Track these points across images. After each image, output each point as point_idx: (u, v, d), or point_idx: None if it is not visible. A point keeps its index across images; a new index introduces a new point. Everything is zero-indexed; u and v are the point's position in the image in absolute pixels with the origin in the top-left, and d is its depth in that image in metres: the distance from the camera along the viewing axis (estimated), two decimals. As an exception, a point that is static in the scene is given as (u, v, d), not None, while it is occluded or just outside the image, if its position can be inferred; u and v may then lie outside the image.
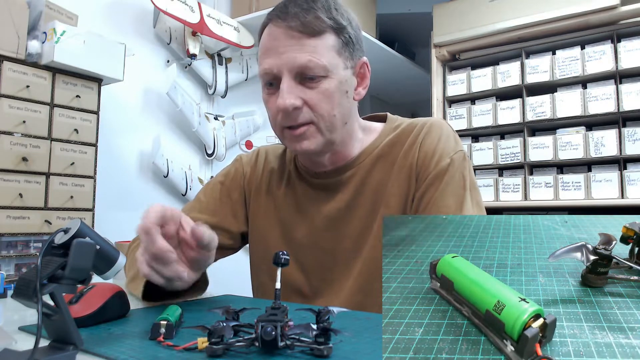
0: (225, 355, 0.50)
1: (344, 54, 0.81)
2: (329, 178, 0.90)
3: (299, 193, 0.93)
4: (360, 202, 0.87)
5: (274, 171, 0.98)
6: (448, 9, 2.36)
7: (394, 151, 0.88)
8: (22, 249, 1.57)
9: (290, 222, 0.93)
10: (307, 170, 0.93)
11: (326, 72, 0.78)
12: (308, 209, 0.92)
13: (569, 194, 2.01)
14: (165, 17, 2.19)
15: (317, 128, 0.81)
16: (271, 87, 0.82)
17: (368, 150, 0.90)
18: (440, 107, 2.39)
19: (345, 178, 0.89)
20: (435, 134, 0.86)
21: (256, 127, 2.65)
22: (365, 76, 0.87)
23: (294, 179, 0.95)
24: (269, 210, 0.96)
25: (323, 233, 0.90)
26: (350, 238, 0.88)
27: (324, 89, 0.79)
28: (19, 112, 1.56)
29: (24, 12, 1.59)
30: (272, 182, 0.97)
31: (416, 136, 0.87)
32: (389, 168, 0.87)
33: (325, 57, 0.78)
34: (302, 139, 0.81)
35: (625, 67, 1.96)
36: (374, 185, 0.87)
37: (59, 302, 0.49)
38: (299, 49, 0.77)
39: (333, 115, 0.80)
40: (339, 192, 0.89)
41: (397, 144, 0.88)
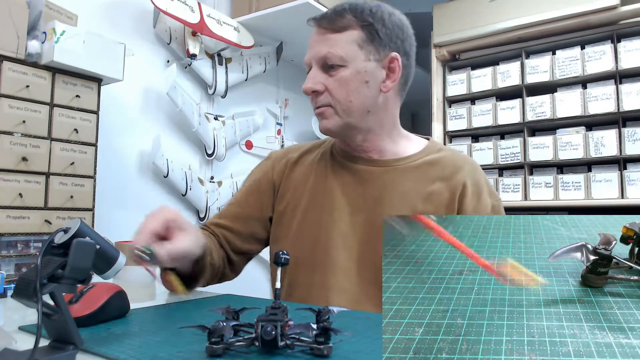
0: (225, 354, 0.50)
1: (368, 47, 0.90)
2: (361, 164, 0.96)
3: (329, 173, 0.98)
4: (385, 200, 0.92)
5: (307, 156, 1.05)
6: (448, 9, 2.36)
7: (432, 171, 0.95)
8: (22, 249, 1.56)
9: (314, 202, 0.97)
10: (342, 153, 1.00)
11: (343, 62, 0.88)
12: (333, 188, 0.96)
13: (569, 194, 2.01)
14: (165, 17, 2.19)
15: (334, 110, 0.91)
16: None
17: (408, 157, 0.96)
18: (440, 107, 2.39)
19: (377, 171, 0.95)
20: (479, 177, 0.96)
21: (256, 127, 2.65)
22: (394, 70, 0.93)
23: (327, 160, 1.01)
24: (299, 188, 1.00)
25: (341, 215, 0.94)
26: (363, 227, 0.92)
27: (340, 76, 0.89)
28: (19, 112, 1.56)
29: (24, 12, 1.59)
30: (304, 164, 1.03)
31: (459, 169, 0.95)
32: (424, 184, 0.93)
33: (344, 49, 0.89)
34: (322, 117, 0.92)
35: (625, 67, 1.96)
36: (402, 190, 0.92)
37: (59, 302, 0.49)
38: (323, 43, 0.90)
39: (349, 100, 0.90)
40: (367, 183, 0.94)
41: (439, 166, 0.95)
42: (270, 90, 2.86)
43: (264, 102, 2.81)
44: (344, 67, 0.89)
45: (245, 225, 1.02)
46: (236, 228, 1.01)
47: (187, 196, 2.30)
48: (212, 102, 2.52)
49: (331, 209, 0.94)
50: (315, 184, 0.99)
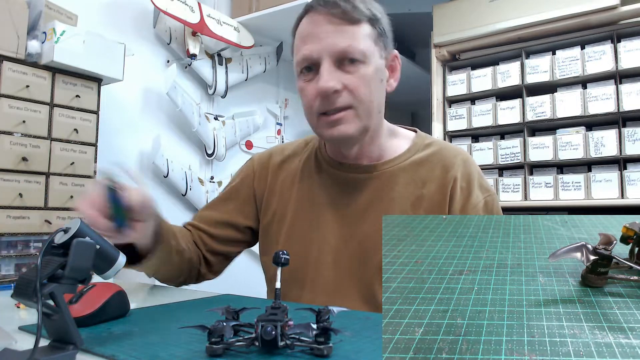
0: (225, 355, 0.50)
1: (379, 43, 0.84)
2: (348, 172, 0.91)
3: (314, 184, 0.94)
4: (375, 208, 0.88)
5: (290, 162, 0.99)
6: (448, 9, 2.36)
7: (422, 172, 0.89)
8: (22, 249, 1.56)
9: (300, 214, 0.93)
10: (328, 161, 0.94)
11: (364, 58, 0.80)
12: (320, 201, 0.92)
13: (569, 194, 2.01)
14: (165, 17, 2.19)
15: (355, 113, 0.82)
16: (309, 73, 0.83)
17: (395, 159, 0.91)
18: (440, 107, 2.39)
19: (364, 178, 0.90)
20: (469, 172, 0.90)
21: (256, 127, 2.65)
22: (395, 68, 0.90)
23: (312, 170, 0.95)
24: (283, 198, 0.96)
25: (330, 229, 0.90)
26: (356, 241, 0.88)
27: (362, 73, 0.80)
28: (19, 112, 1.56)
29: (24, 12, 1.59)
30: (288, 173, 0.98)
31: (449, 168, 0.89)
32: (414, 187, 0.88)
33: (363, 43, 0.80)
34: (339, 123, 0.81)
35: (625, 67, 1.95)
36: (392, 196, 0.88)
37: (59, 302, 0.49)
38: (339, 35, 0.79)
39: (371, 100, 0.82)
40: (355, 192, 0.90)
41: (428, 166, 0.90)
42: (270, 90, 2.86)
43: (264, 102, 2.81)
44: (365, 64, 0.81)
45: (222, 229, 0.99)
46: (212, 232, 0.98)
47: (187, 196, 2.30)
48: (212, 102, 2.52)
49: (318, 224, 0.90)
50: (301, 197, 0.94)
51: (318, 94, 0.80)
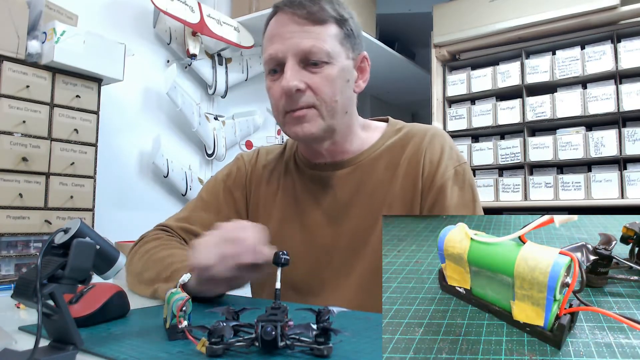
0: (225, 355, 0.50)
1: (346, 44, 0.85)
2: (327, 171, 0.91)
3: (297, 187, 0.94)
4: (359, 201, 0.88)
5: (273, 167, 1.00)
6: (448, 9, 2.36)
7: (395, 155, 0.89)
8: (22, 249, 1.57)
9: (286, 218, 0.93)
10: (306, 162, 0.94)
11: (329, 58, 0.81)
12: (305, 204, 0.92)
13: (569, 194, 2.01)
14: (165, 17, 2.19)
15: (318, 112, 0.83)
16: (275, 73, 0.85)
17: (369, 149, 0.91)
18: (440, 107, 2.39)
19: (343, 174, 0.90)
20: (438, 144, 0.88)
21: (256, 127, 2.65)
22: (365, 70, 0.90)
23: (293, 173, 0.96)
24: (267, 204, 0.96)
25: (319, 230, 0.90)
26: (347, 236, 0.88)
27: (326, 74, 0.82)
28: (19, 112, 1.56)
29: (24, 12, 1.59)
30: (272, 178, 0.98)
31: (419, 144, 0.88)
32: (391, 171, 0.88)
33: (329, 44, 0.81)
34: (303, 121, 0.83)
35: (625, 67, 1.95)
36: (372, 185, 0.88)
37: (59, 302, 0.49)
38: (303, 35, 0.81)
39: (335, 100, 0.83)
40: (337, 188, 0.90)
41: (400, 148, 0.90)
42: (270, 90, 2.87)
43: (264, 102, 2.81)
44: (329, 64, 0.82)
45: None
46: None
47: (187, 196, 2.30)
48: (212, 102, 2.52)
49: (307, 226, 0.91)
50: (286, 200, 0.94)
51: (283, 93, 0.82)
